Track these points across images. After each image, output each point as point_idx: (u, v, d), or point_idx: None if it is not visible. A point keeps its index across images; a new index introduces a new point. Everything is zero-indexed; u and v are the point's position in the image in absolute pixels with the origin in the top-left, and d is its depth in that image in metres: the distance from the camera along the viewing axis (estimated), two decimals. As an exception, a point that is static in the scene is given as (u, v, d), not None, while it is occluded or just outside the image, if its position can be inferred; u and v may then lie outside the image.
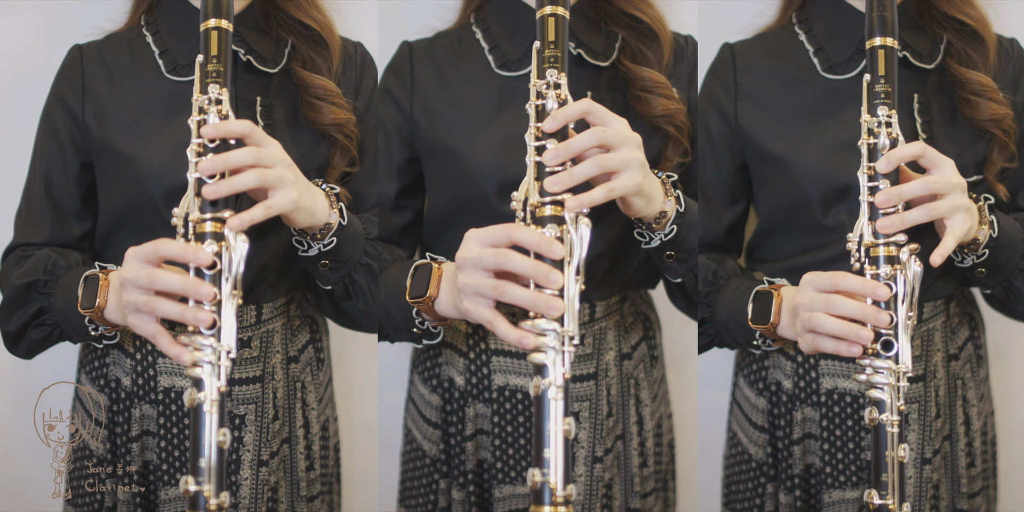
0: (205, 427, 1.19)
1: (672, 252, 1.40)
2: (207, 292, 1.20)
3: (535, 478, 1.19)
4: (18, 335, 1.45)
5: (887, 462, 1.29)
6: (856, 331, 1.27)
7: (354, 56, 1.54)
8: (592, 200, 1.22)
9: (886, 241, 1.28)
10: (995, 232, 1.38)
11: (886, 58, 1.32)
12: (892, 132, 1.30)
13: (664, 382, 1.66)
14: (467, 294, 1.24)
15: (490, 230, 1.23)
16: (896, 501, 1.29)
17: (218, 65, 1.27)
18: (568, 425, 1.19)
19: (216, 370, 1.20)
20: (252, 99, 1.46)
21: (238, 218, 1.22)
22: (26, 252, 1.49)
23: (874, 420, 1.29)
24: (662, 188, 1.34)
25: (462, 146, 1.47)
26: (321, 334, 1.61)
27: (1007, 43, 1.52)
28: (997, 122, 1.44)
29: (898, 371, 1.28)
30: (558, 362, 1.20)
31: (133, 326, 1.26)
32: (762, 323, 1.39)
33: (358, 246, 1.43)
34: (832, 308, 1.28)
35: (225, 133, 1.24)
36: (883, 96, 1.31)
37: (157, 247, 1.23)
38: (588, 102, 1.25)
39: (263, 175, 1.23)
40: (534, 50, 1.29)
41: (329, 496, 1.63)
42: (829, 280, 1.29)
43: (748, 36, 1.59)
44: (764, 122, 1.51)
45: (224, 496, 1.19)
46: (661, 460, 1.64)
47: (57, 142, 1.49)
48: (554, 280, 1.20)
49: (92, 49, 1.51)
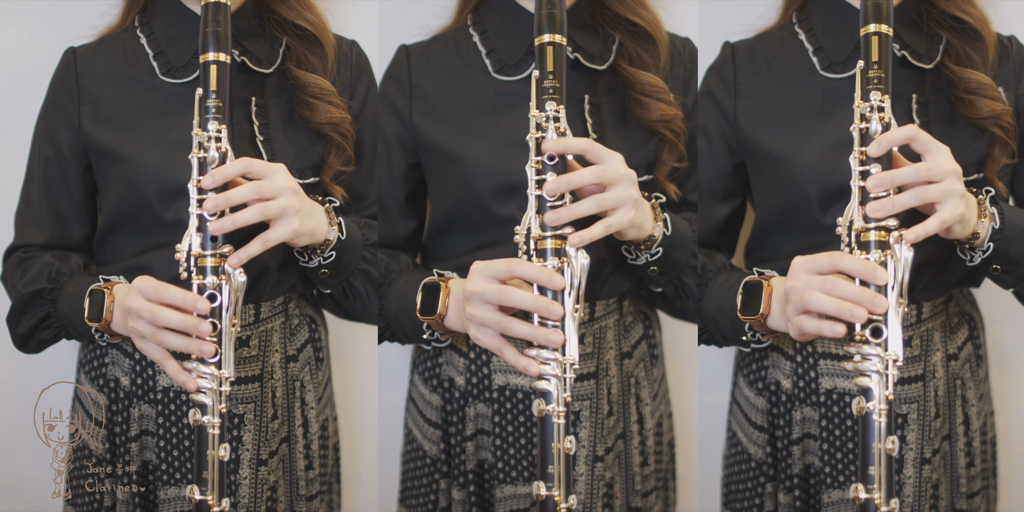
0: (208, 444, 1.33)
1: (655, 267, 1.45)
2: (206, 329, 1.29)
3: (540, 491, 1.32)
4: (27, 337, 1.49)
5: (874, 454, 1.24)
6: (850, 309, 1.23)
7: (349, 55, 1.54)
8: (592, 235, 1.30)
9: (876, 225, 1.26)
10: (997, 224, 1.35)
11: (880, 44, 1.31)
12: (884, 117, 1.29)
13: (664, 381, 1.67)
14: (474, 324, 1.33)
15: (494, 264, 1.30)
16: (883, 496, 1.23)
17: (217, 101, 1.32)
18: (570, 443, 1.31)
19: (218, 395, 1.32)
20: (247, 99, 1.47)
21: (236, 256, 1.31)
22: (27, 253, 1.50)
23: (862, 409, 1.25)
24: (652, 213, 1.39)
25: (461, 150, 1.48)
26: (320, 333, 1.61)
27: (1006, 40, 1.51)
28: (995, 119, 1.44)
29: (887, 358, 1.25)
30: (560, 388, 1.31)
31: (141, 349, 1.35)
32: (751, 313, 1.37)
33: (357, 254, 1.46)
34: (832, 289, 1.25)
35: (223, 178, 1.30)
36: (876, 81, 1.29)
37: (159, 293, 1.31)
38: (588, 141, 1.32)
39: (265, 209, 1.31)
40: (533, 79, 1.34)
41: (328, 496, 1.63)
42: (827, 260, 1.26)
43: (748, 36, 1.59)
44: (763, 120, 1.50)
45: (226, 502, 1.34)
46: (661, 459, 1.64)
47: (54, 146, 1.50)
48: (554, 312, 1.29)
49: (86, 52, 1.51)
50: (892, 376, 1.25)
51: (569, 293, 1.29)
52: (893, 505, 1.25)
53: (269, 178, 1.31)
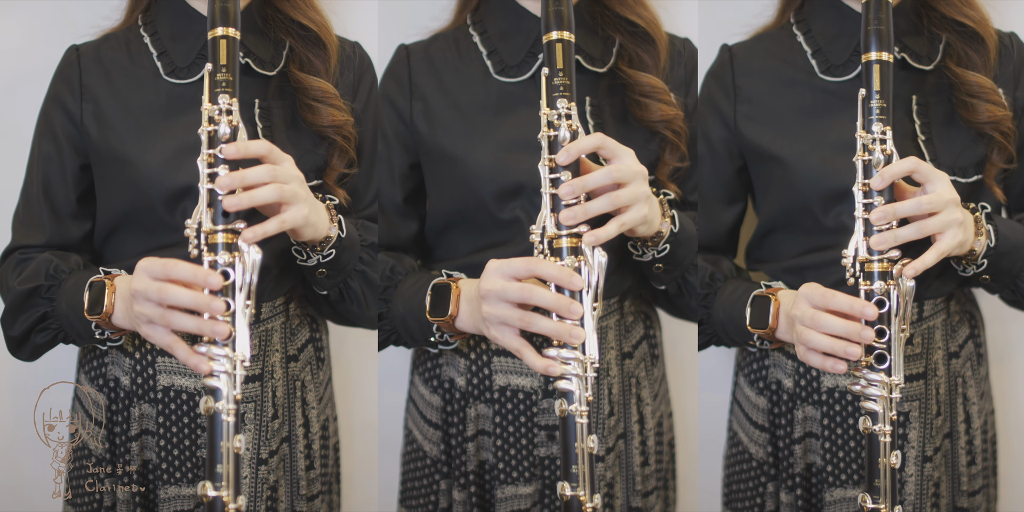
0: (222, 435, 1.23)
1: (661, 265, 1.44)
2: (219, 307, 1.22)
3: (565, 491, 1.30)
4: (22, 340, 1.45)
5: (880, 469, 1.32)
6: (844, 348, 1.29)
7: (352, 57, 1.54)
8: (608, 234, 1.29)
9: (880, 257, 1.30)
10: (992, 241, 1.39)
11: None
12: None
13: (664, 381, 1.67)
14: (493, 323, 1.30)
15: (512, 263, 1.29)
16: (888, 506, 1.32)
17: (227, 74, 1.28)
18: (592, 442, 1.30)
19: (232, 379, 1.23)
20: (251, 101, 1.46)
21: (252, 231, 1.25)
22: (25, 255, 1.48)
23: (868, 429, 1.32)
24: (660, 210, 1.39)
25: (462, 152, 1.48)
26: (321, 333, 1.61)
27: (1007, 39, 1.51)
28: (995, 124, 1.44)
29: (890, 383, 1.31)
30: (581, 387, 1.29)
31: (147, 336, 1.28)
32: (760, 327, 1.41)
33: (354, 254, 1.44)
34: (819, 326, 1.30)
35: (246, 154, 1.26)
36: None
37: (167, 269, 1.24)
38: (600, 137, 1.31)
39: (281, 190, 1.26)
40: (543, 76, 1.33)
41: (329, 496, 1.62)
42: (821, 298, 1.31)
43: (746, 37, 1.59)
44: (763, 124, 1.51)
45: (242, 500, 1.24)
46: (662, 459, 1.64)
47: (55, 144, 1.49)
48: (575, 311, 1.28)
49: (89, 50, 1.51)
50: (895, 399, 1.32)
51: (587, 292, 1.29)
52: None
53: (282, 165, 1.29)
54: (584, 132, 1.33)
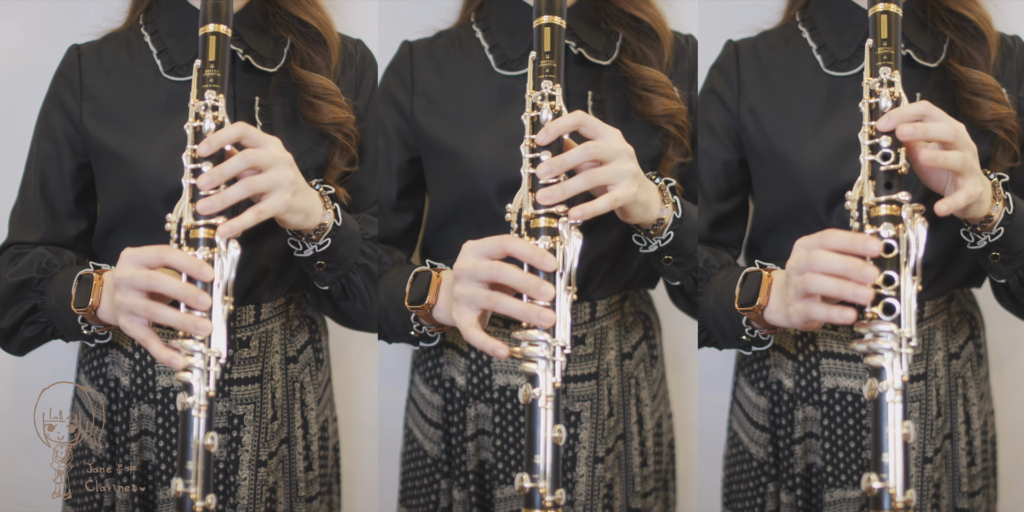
0: (193, 431, 1.21)
1: (670, 256, 1.41)
2: (205, 302, 1.21)
3: (524, 483, 1.22)
4: (11, 332, 1.44)
5: (888, 439, 1.13)
6: (852, 289, 1.15)
7: (354, 54, 1.54)
8: (596, 210, 1.25)
9: (888, 199, 1.19)
10: (1010, 209, 1.33)
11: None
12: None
13: (664, 381, 1.66)
14: (460, 303, 1.26)
15: (485, 242, 1.25)
16: (898, 486, 1.12)
17: (215, 71, 1.28)
18: (559, 432, 1.22)
19: (206, 375, 1.22)
20: (251, 99, 1.46)
21: (228, 225, 1.23)
22: (20, 250, 1.48)
23: (874, 391, 1.14)
24: (659, 195, 1.36)
25: (463, 146, 1.47)
26: (320, 334, 1.61)
27: (1009, 40, 1.51)
28: (999, 122, 1.44)
29: (901, 336, 1.15)
30: (548, 372, 1.23)
31: (124, 327, 1.26)
32: (748, 303, 1.32)
33: (354, 247, 1.42)
34: (814, 264, 1.18)
35: (219, 144, 1.25)
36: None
37: (161, 253, 1.23)
38: (581, 114, 1.27)
39: (253, 184, 1.24)
40: (530, 59, 1.31)
41: (328, 496, 1.62)
42: (818, 238, 1.20)
43: (751, 34, 1.59)
44: (767, 119, 1.50)
45: (211, 498, 1.21)
46: (661, 460, 1.64)
47: (54, 142, 1.49)
48: (545, 292, 1.23)
49: (90, 49, 1.51)
50: (907, 355, 1.15)
51: (561, 274, 1.24)
52: (909, 496, 1.13)
53: (263, 147, 1.26)
54: None
